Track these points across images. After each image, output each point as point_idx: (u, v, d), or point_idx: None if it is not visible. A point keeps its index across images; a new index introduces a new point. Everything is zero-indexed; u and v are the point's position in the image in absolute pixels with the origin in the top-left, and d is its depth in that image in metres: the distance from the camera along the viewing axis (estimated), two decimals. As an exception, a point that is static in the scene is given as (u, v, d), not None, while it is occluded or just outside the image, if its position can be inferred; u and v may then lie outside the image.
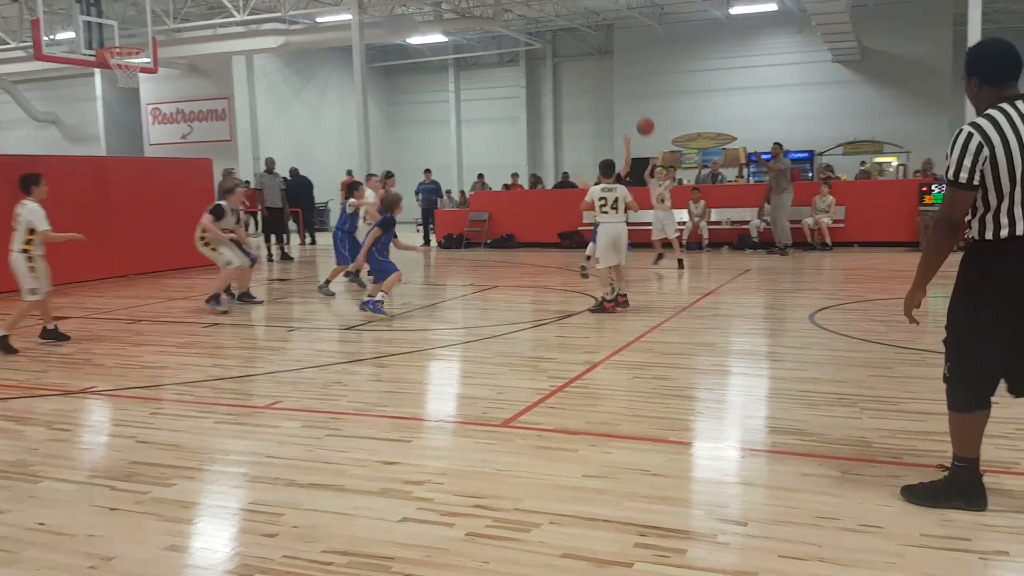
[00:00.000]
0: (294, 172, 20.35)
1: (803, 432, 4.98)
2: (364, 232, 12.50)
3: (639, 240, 13.63)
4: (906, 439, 4.79)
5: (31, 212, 7.99)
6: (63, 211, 13.27)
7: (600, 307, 9.58)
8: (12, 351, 8.02)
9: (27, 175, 8.09)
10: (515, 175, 24.22)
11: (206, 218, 10.49)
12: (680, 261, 14.13)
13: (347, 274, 13.29)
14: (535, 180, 23.94)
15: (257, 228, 19.27)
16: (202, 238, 10.58)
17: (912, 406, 5.48)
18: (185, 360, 7.79)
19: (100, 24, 15.65)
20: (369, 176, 13.68)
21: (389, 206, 9.91)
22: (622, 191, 9.47)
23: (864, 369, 6.60)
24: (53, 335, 8.56)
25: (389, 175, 15.22)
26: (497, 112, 32.94)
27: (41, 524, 3.93)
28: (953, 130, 3.72)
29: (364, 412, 5.76)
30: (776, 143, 16.63)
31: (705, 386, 6.39)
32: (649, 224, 14.65)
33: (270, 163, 18.79)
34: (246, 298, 11.06)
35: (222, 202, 10.76)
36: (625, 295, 9.72)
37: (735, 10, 25.01)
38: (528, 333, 8.71)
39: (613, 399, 5.99)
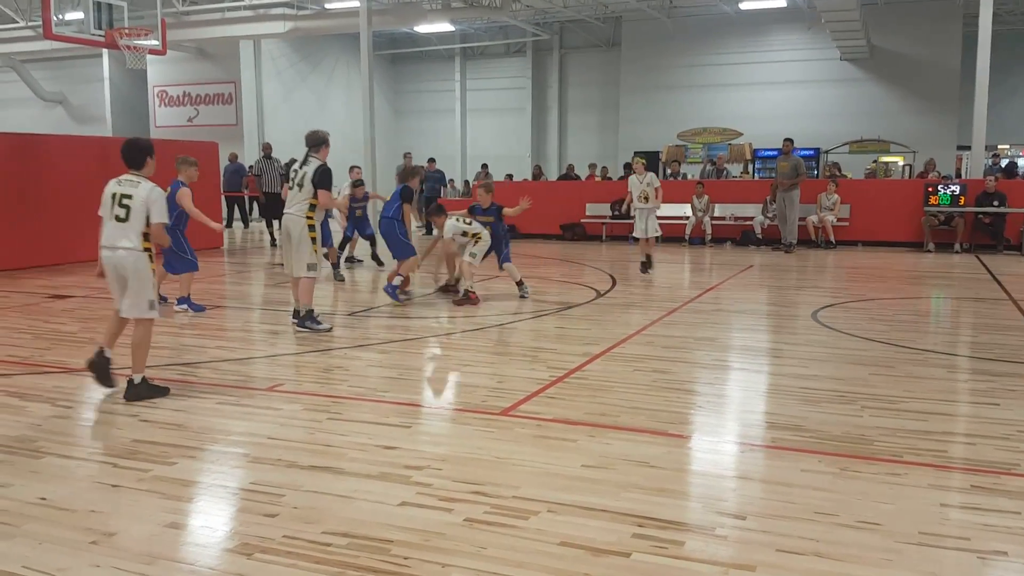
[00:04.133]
0: None
1: (803, 428, 4.99)
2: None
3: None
4: (906, 438, 4.80)
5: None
6: (68, 190, 13.37)
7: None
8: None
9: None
10: (538, 167, 24.39)
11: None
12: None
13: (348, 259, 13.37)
14: (538, 171, 23.91)
15: (257, 213, 19.34)
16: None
17: (913, 405, 5.49)
18: (188, 341, 7.82)
19: (110, 5, 15.67)
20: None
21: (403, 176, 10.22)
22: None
23: (866, 367, 6.60)
24: None
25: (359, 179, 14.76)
26: (502, 102, 32.90)
27: (43, 499, 3.95)
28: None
29: (365, 397, 5.78)
30: (787, 139, 16.60)
31: (705, 380, 6.40)
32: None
33: (267, 148, 18.69)
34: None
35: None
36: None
37: (744, 5, 24.91)
38: (528, 323, 8.72)
39: (613, 391, 5.99)
